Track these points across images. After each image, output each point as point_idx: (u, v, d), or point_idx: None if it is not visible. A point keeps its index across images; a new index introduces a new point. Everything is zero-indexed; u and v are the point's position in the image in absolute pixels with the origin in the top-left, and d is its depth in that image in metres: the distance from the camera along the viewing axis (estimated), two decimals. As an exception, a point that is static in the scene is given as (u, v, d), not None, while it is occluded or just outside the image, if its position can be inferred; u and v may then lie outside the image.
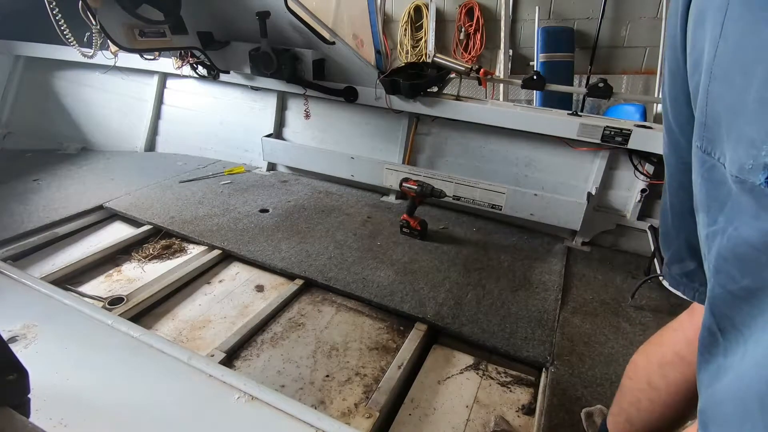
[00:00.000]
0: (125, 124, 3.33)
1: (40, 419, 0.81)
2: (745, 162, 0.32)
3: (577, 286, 1.94)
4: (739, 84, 0.34)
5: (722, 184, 0.37)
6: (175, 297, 1.79)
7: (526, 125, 2.30)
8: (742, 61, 0.34)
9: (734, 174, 0.34)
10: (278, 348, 1.55)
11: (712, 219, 0.40)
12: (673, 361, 0.79)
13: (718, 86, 0.36)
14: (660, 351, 0.82)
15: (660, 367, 0.81)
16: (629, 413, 0.89)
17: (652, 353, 0.84)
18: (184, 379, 0.96)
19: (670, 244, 0.65)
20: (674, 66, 0.49)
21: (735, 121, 0.34)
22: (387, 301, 1.74)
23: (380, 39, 2.47)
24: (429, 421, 1.31)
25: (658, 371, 0.81)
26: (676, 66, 0.49)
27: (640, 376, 0.85)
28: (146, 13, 2.02)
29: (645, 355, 0.86)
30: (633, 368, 0.88)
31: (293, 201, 2.57)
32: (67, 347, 1.02)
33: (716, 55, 0.36)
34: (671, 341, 0.80)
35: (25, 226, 2.11)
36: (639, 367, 0.86)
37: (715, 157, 0.38)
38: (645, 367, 0.84)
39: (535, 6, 4.48)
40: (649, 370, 0.83)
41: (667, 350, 0.80)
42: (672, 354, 0.79)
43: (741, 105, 0.34)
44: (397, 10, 5.11)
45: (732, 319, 0.38)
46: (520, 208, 2.34)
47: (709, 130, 0.38)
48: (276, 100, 2.96)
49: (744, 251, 0.35)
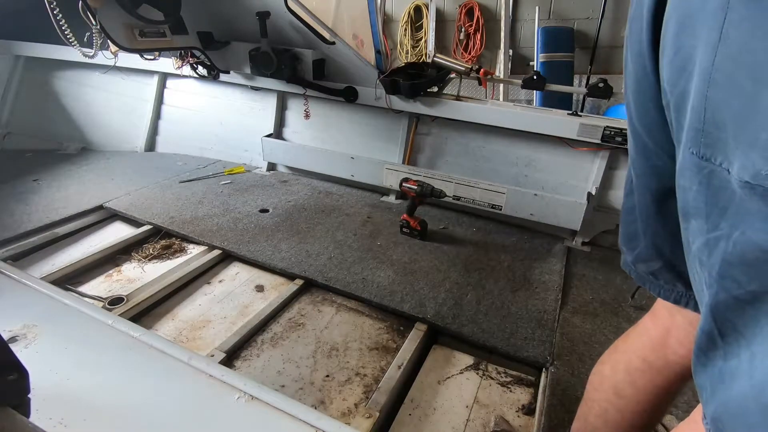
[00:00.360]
0: (125, 124, 3.33)
1: (40, 419, 0.81)
2: (762, 168, 0.32)
3: (577, 286, 1.94)
4: (750, 89, 0.33)
5: (723, 189, 0.37)
6: (175, 297, 1.79)
7: (526, 125, 2.30)
8: (751, 65, 0.33)
9: (746, 180, 0.34)
10: (278, 348, 1.55)
11: (712, 225, 0.39)
12: (640, 367, 0.77)
13: (720, 92, 0.36)
14: (626, 358, 0.80)
15: (627, 375, 0.79)
16: (595, 426, 0.87)
17: (618, 361, 0.82)
18: (184, 379, 0.96)
19: (636, 245, 0.66)
20: (641, 74, 0.50)
21: (746, 127, 0.34)
22: (387, 301, 1.74)
23: (380, 39, 2.47)
24: (429, 421, 1.31)
25: (626, 379, 0.79)
26: (643, 73, 0.49)
27: (606, 387, 0.83)
28: (146, 13, 2.02)
29: (610, 364, 0.83)
30: (598, 379, 0.85)
31: (293, 201, 2.57)
32: (67, 347, 1.02)
33: (716, 60, 0.36)
34: (636, 347, 0.78)
35: (25, 226, 2.11)
36: (605, 377, 0.83)
37: (716, 162, 0.37)
38: (611, 376, 0.82)
39: (535, 6, 4.48)
40: (616, 379, 0.81)
41: (633, 356, 0.78)
42: (639, 360, 0.77)
43: (753, 110, 0.33)
44: (397, 10, 5.11)
45: (734, 323, 0.38)
46: (520, 208, 2.34)
47: (709, 137, 0.38)
48: (276, 100, 2.96)
49: (754, 256, 0.35)
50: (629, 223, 0.66)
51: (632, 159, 0.59)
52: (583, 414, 0.91)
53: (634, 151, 0.57)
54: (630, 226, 0.66)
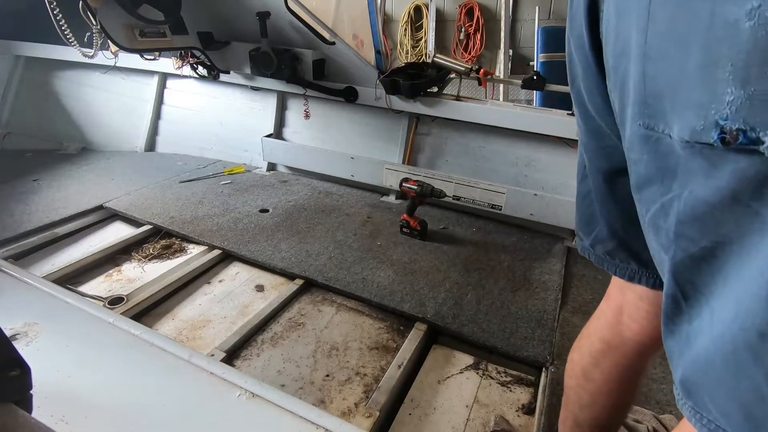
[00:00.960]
0: (125, 124, 3.33)
1: (41, 416, 0.81)
2: (696, 125, 0.35)
3: (577, 286, 1.94)
4: (678, 58, 0.38)
5: (670, 154, 0.40)
6: (175, 297, 1.79)
7: (526, 125, 2.30)
8: (676, 36, 0.38)
9: (686, 139, 0.37)
10: (278, 348, 1.55)
11: (666, 188, 0.42)
12: (602, 349, 0.80)
13: (655, 65, 0.40)
14: (588, 342, 0.83)
15: (591, 358, 0.82)
16: (575, 414, 0.90)
17: (582, 345, 0.85)
18: (184, 377, 0.97)
19: (593, 227, 0.70)
20: (584, 62, 0.54)
21: (679, 91, 0.38)
22: (387, 301, 1.74)
23: (380, 39, 2.47)
24: (429, 421, 1.31)
25: (591, 362, 0.82)
26: (586, 63, 0.54)
27: (576, 372, 0.86)
28: (146, 13, 2.03)
29: (578, 351, 0.86)
30: (570, 366, 0.88)
31: (293, 201, 2.57)
32: (68, 345, 1.02)
33: (647, 38, 0.41)
34: (596, 329, 0.82)
35: (25, 226, 2.11)
36: (574, 363, 0.87)
37: (660, 130, 0.41)
38: (579, 361, 0.86)
39: (535, 6, 4.49)
40: (583, 363, 0.84)
41: (594, 339, 0.82)
42: (599, 342, 0.81)
43: (683, 76, 0.37)
44: (397, 10, 5.12)
45: (694, 282, 0.40)
46: (519, 208, 2.34)
47: (650, 107, 0.41)
48: (276, 100, 2.96)
49: (702, 211, 0.37)
50: (585, 207, 0.70)
51: (584, 143, 0.63)
52: (564, 404, 0.94)
53: (585, 135, 0.61)
54: (586, 210, 0.70)
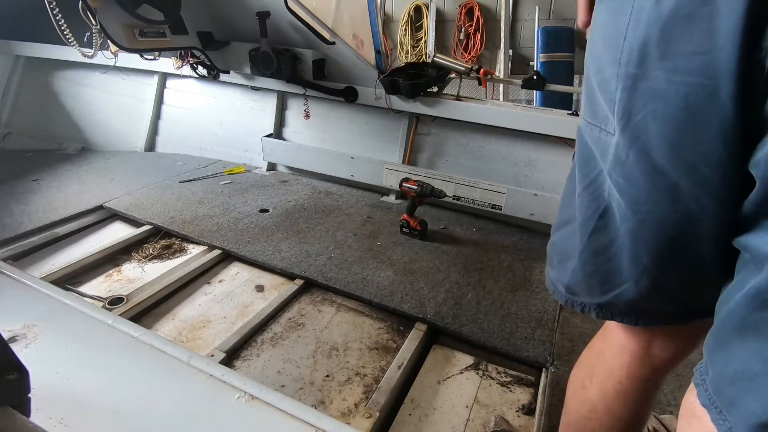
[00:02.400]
0: (125, 124, 3.33)
1: (40, 419, 0.81)
2: None
3: (577, 286, 1.94)
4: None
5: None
6: (175, 297, 1.79)
7: (526, 125, 2.30)
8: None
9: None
10: (278, 348, 1.55)
11: None
12: (630, 386, 0.76)
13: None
14: (612, 381, 0.78)
15: (619, 397, 0.78)
16: None
17: (605, 384, 0.80)
18: (184, 379, 0.96)
19: (612, 285, 0.62)
20: (702, 99, 0.47)
21: None
22: (387, 301, 1.74)
23: (380, 39, 2.47)
24: (429, 421, 1.31)
25: (619, 400, 0.78)
26: (710, 100, 0.46)
27: (599, 413, 0.82)
28: (146, 13, 2.02)
29: (597, 389, 0.81)
30: (588, 407, 0.83)
31: (293, 201, 2.57)
32: (67, 347, 1.02)
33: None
34: (619, 366, 0.77)
35: (25, 226, 2.11)
36: (595, 404, 0.82)
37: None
38: (600, 402, 0.81)
39: (535, 6, 4.48)
40: (608, 403, 0.80)
41: (621, 377, 0.77)
42: (627, 380, 0.76)
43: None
44: (397, 10, 5.12)
45: None
46: (520, 208, 2.34)
47: None
48: (276, 100, 2.96)
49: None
50: (601, 262, 0.61)
51: (634, 200, 0.52)
52: None
53: (646, 193, 0.50)
54: (603, 265, 0.61)
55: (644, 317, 0.65)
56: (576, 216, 0.64)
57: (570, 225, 0.67)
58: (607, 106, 0.51)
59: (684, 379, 1.44)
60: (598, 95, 0.53)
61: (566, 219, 0.69)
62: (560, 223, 0.72)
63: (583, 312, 0.69)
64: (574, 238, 0.65)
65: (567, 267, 0.68)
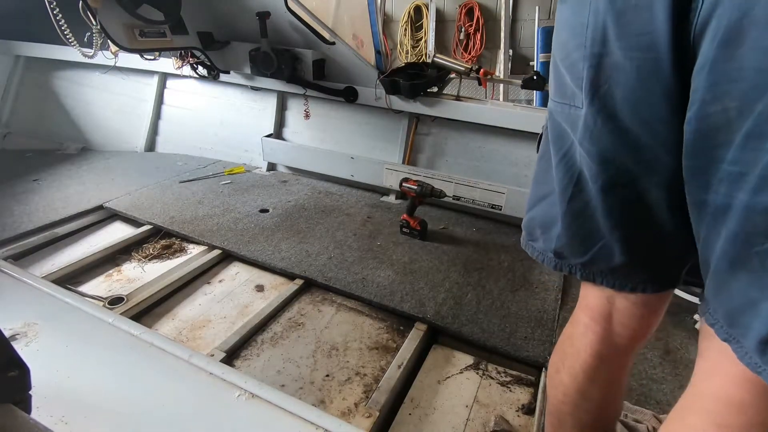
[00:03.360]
0: (125, 124, 3.33)
1: (41, 417, 0.81)
2: None
3: (576, 286, 1.94)
4: None
5: None
6: (175, 297, 1.79)
7: (526, 125, 2.30)
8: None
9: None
10: (278, 348, 1.55)
11: None
12: (595, 364, 0.80)
13: None
14: (579, 361, 0.82)
15: (586, 376, 0.81)
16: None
17: (573, 366, 0.83)
18: (184, 377, 0.96)
19: (590, 245, 0.69)
20: (649, 67, 0.54)
21: None
22: (387, 301, 1.74)
23: (380, 39, 2.47)
24: (429, 421, 1.31)
25: (586, 380, 0.81)
26: (653, 67, 0.54)
27: (572, 397, 0.85)
28: (146, 13, 2.03)
29: (568, 373, 0.84)
30: (562, 390, 0.86)
31: (293, 201, 2.57)
32: (67, 345, 1.02)
33: None
34: (584, 346, 0.80)
35: (25, 226, 2.11)
36: (567, 387, 0.85)
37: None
38: (572, 383, 0.84)
39: (535, 6, 4.49)
40: (578, 384, 0.83)
41: (586, 357, 0.80)
42: (592, 358, 0.80)
43: None
44: (397, 10, 5.12)
45: None
46: (520, 208, 2.34)
47: None
48: (276, 100, 2.96)
49: None
50: (579, 224, 0.67)
51: (600, 157, 0.59)
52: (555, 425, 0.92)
53: (609, 148, 0.58)
54: (581, 227, 0.68)
55: (620, 279, 0.70)
56: (554, 189, 0.70)
57: (548, 198, 0.74)
58: (574, 84, 0.59)
59: (684, 379, 1.44)
60: (565, 77, 0.61)
61: (543, 194, 0.75)
62: (536, 199, 0.78)
63: (570, 273, 0.75)
64: (555, 208, 0.71)
65: (552, 234, 0.74)
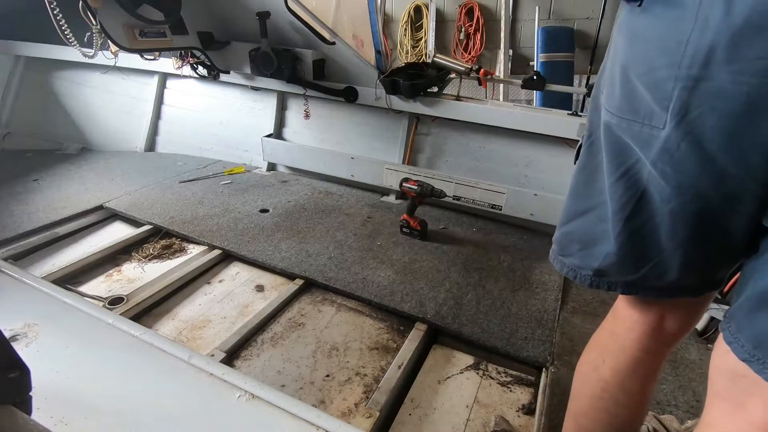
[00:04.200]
0: (125, 124, 3.33)
1: (41, 417, 0.81)
2: None
3: (576, 286, 1.94)
4: None
5: None
6: (175, 297, 1.79)
7: (526, 125, 2.30)
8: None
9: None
10: (278, 348, 1.55)
11: None
12: (641, 358, 0.81)
13: None
14: (626, 355, 0.83)
15: (629, 369, 0.82)
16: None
17: (619, 360, 0.84)
18: (184, 378, 0.96)
19: (643, 263, 0.68)
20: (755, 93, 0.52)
21: None
22: (387, 301, 1.74)
23: (380, 39, 2.47)
24: (429, 421, 1.31)
25: (628, 373, 0.83)
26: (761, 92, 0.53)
27: (611, 390, 0.85)
28: (146, 13, 2.03)
29: (611, 369, 0.85)
30: (601, 386, 0.87)
31: (293, 201, 2.57)
32: (68, 346, 1.02)
33: None
34: (632, 340, 0.81)
35: (25, 226, 2.11)
36: (608, 382, 0.86)
37: None
38: (613, 378, 0.85)
39: (535, 6, 4.49)
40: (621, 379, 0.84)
41: (634, 351, 0.81)
42: (641, 352, 0.81)
43: None
44: (397, 10, 5.12)
45: None
46: (520, 208, 2.34)
47: None
48: (276, 100, 2.96)
49: None
50: (634, 243, 0.67)
51: (681, 184, 0.57)
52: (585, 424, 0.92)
53: (692, 176, 0.56)
54: (635, 246, 0.67)
55: (664, 291, 0.70)
56: (599, 205, 0.69)
57: (590, 213, 0.73)
58: (656, 103, 0.56)
59: (683, 379, 1.44)
60: (642, 94, 0.58)
61: (584, 209, 0.74)
62: (575, 213, 0.77)
63: (608, 290, 0.74)
64: (601, 225, 0.70)
65: (596, 252, 0.72)
